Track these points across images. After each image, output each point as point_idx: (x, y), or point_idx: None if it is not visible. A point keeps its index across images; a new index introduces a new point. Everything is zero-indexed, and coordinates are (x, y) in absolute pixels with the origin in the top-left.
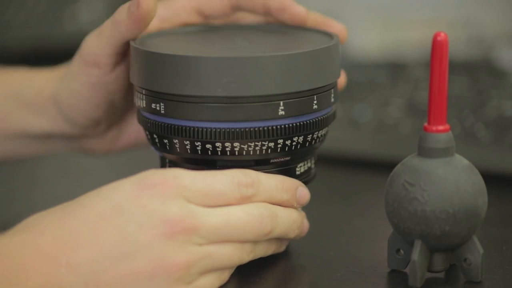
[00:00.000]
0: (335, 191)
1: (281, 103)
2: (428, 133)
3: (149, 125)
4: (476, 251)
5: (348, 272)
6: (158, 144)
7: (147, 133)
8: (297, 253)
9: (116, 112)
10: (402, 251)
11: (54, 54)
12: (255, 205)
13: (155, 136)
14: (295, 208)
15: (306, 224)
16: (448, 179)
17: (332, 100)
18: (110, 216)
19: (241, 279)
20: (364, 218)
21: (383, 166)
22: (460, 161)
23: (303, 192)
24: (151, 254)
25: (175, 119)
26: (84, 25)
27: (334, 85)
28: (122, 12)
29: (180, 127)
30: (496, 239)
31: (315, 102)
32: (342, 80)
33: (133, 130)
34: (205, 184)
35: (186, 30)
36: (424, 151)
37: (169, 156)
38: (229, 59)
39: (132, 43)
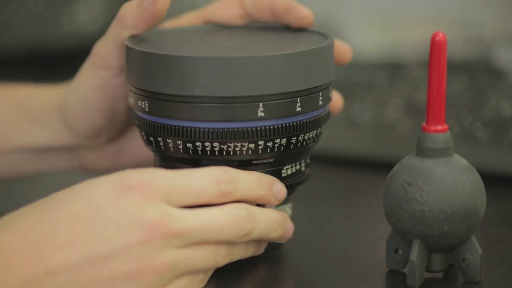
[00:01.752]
0: (333, 191)
1: (260, 104)
2: (427, 133)
3: (137, 122)
4: (474, 251)
5: (347, 272)
6: (146, 142)
7: (139, 130)
8: (295, 253)
9: (118, 123)
10: (400, 251)
11: (53, 53)
12: (234, 206)
13: (143, 133)
14: (273, 203)
15: (290, 225)
16: (447, 179)
17: (321, 103)
18: (88, 218)
19: (238, 279)
20: (363, 218)
21: (382, 166)
22: (458, 161)
23: (279, 188)
24: (129, 257)
25: (157, 117)
26: (82, 25)
27: (324, 88)
28: (129, 9)
29: (162, 125)
30: (494, 239)
31: (298, 104)
32: (338, 103)
33: (136, 148)
34: (183, 183)
35: (187, 29)
36: (422, 151)
37: (157, 154)
38: (207, 59)
39: (125, 40)
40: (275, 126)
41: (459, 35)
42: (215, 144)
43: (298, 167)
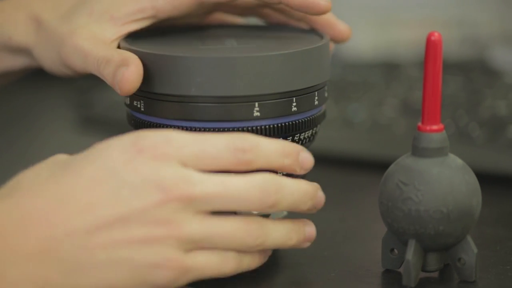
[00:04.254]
0: (329, 190)
1: (256, 104)
2: (422, 133)
3: (133, 122)
4: (470, 251)
5: (342, 271)
6: None
7: (133, 129)
8: (291, 253)
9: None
10: (396, 251)
11: None
12: (258, 174)
13: None
14: (298, 173)
15: (321, 196)
16: (442, 179)
17: (316, 102)
18: (102, 180)
19: (234, 279)
20: (358, 217)
21: (377, 166)
22: (454, 160)
23: (305, 157)
24: (145, 219)
25: (153, 117)
26: None
27: (319, 87)
28: (107, 68)
29: (158, 125)
30: (490, 239)
31: (294, 104)
32: (346, 32)
33: None
34: (198, 148)
35: (182, 28)
36: (418, 151)
37: None
38: (202, 59)
39: (120, 41)
40: (271, 126)
41: (454, 35)
42: None
43: None
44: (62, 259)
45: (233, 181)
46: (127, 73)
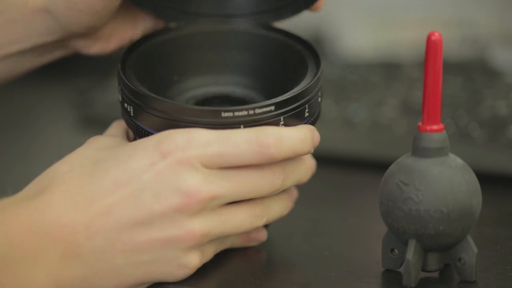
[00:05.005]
0: (329, 191)
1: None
2: (422, 133)
3: (125, 119)
4: (470, 251)
5: (343, 271)
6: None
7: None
8: (291, 253)
9: (112, 9)
10: (396, 251)
11: None
12: (271, 168)
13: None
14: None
15: (317, 136)
16: (443, 179)
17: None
18: (125, 183)
19: (234, 279)
20: (359, 217)
21: (378, 166)
22: (454, 160)
23: (317, 136)
24: (166, 223)
25: (141, 124)
26: None
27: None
28: None
29: (145, 131)
30: (490, 239)
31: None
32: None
33: (128, 26)
34: (219, 149)
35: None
36: (418, 151)
37: None
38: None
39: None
40: None
41: (454, 35)
42: None
43: None
44: (83, 263)
45: (250, 175)
46: None
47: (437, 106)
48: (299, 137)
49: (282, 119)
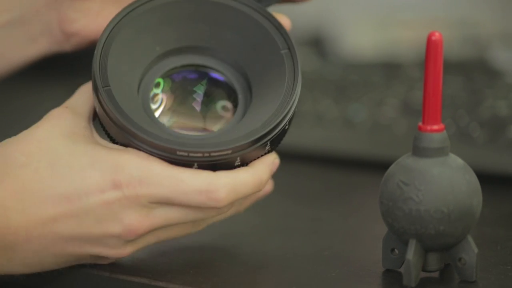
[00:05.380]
0: (329, 190)
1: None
2: (423, 133)
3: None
4: (470, 251)
5: (343, 271)
6: None
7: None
8: (292, 253)
9: None
10: (396, 251)
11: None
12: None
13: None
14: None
15: (269, 186)
16: (443, 179)
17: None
18: (72, 200)
19: (234, 280)
20: (359, 217)
21: (378, 166)
22: (454, 160)
23: (276, 163)
24: (101, 244)
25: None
26: None
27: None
28: None
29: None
30: (490, 239)
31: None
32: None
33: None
34: (169, 192)
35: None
36: (418, 151)
37: None
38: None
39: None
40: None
41: (455, 35)
42: None
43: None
44: (15, 257)
45: (186, 215)
46: None
47: (438, 106)
48: (254, 183)
49: (238, 159)
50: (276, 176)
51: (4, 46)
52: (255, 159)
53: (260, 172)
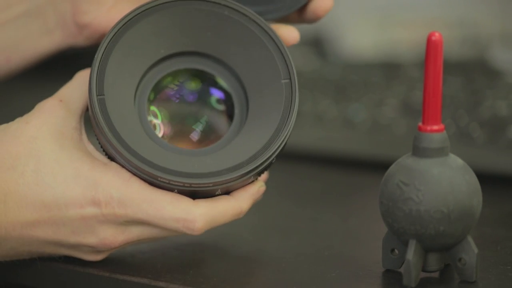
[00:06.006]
0: (329, 191)
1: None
2: (423, 133)
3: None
4: (470, 251)
5: (343, 272)
6: None
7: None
8: (292, 253)
9: None
10: (396, 251)
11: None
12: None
13: None
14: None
15: (261, 190)
16: (443, 179)
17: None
18: (52, 209)
19: (234, 280)
20: (359, 218)
21: (378, 166)
22: (454, 161)
23: (262, 190)
24: (76, 250)
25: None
26: None
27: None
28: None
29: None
30: (490, 239)
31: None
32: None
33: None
34: (147, 217)
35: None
36: (418, 151)
37: None
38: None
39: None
40: None
41: (455, 35)
42: None
43: None
44: None
45: (160, 233)
46: None
47: (438, 106)
48: (234, 213)
49: (219, 190)
50: (276, 176)
51: (20, 37)
52: (238, 189)
53: (241, 203)
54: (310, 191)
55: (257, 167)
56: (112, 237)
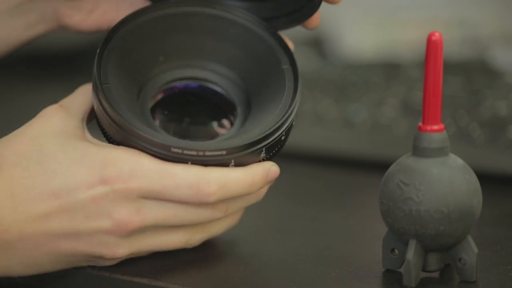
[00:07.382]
0: (329, 191)
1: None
2: (423, 133)
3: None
4: (470, 251)
5: (343, 272)
6: None
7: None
8: (292, 253)
9: None
10: (396, 251)
11: (52, 53)
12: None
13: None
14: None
15: (273, 172)
16: (443, 179)
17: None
18: (61, 196)
19: (234, 280)
20: (359, 218)
21: (378, 166)
22: (454, 160)
23: (273, 171)
24: (93, 242)
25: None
26: None
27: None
28: None
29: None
30: (490, 239)
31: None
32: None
33: (112, 7)
34: (160, 184)
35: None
36: (418, 151)
37: None
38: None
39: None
40: None
41: (455, 35)
42: None
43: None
44: (10, 257)
45: (179, 210)
46: None
47: (438, 106)
48: (247, 182)
49: (233, 161)
50: None
51: (4, 31)
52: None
53: (253, 173)
54: (310, 191)
55: (267, 136)
56: (127, 217)
